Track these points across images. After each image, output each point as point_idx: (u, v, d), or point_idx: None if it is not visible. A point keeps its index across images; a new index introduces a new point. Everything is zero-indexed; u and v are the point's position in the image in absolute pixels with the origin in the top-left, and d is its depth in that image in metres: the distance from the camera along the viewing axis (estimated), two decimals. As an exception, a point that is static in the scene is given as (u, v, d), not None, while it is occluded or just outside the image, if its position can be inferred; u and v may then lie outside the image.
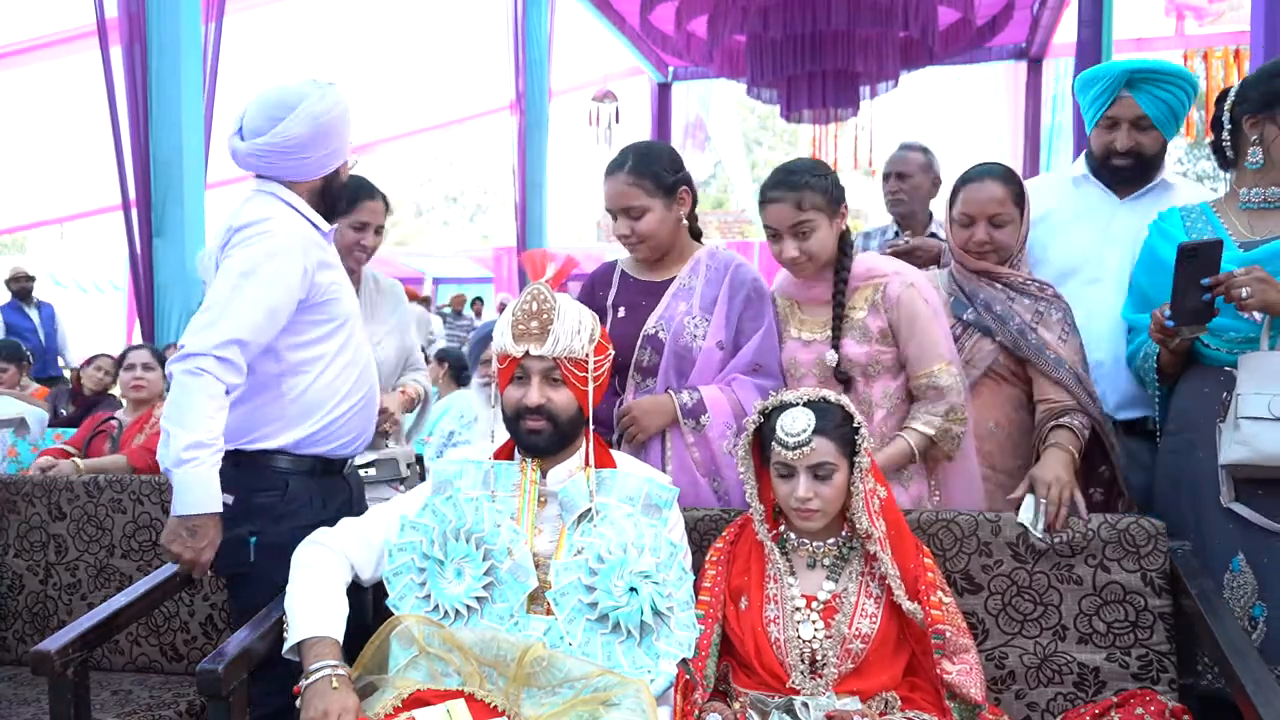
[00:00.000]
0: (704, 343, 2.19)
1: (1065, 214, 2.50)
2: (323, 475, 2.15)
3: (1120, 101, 2.38)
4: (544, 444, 1.85)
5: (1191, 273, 1.93)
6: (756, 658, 1.80)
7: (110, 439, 3.58)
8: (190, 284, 5.04)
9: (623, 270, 2.34)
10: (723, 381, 2.19)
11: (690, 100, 10.39)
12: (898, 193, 3.56)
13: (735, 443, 2.13)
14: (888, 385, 2.18)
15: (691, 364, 2.19)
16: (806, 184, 2.12)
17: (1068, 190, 2.55)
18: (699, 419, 2.14)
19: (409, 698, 1.64)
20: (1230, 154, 2.13)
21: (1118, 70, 2.38)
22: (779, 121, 9.06)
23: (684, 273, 2.26)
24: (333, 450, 2.16)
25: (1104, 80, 2.39)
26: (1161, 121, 2.38)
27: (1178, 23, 8.73)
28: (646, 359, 2.21)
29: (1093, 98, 2.43)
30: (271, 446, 2.07)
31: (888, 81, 6.82)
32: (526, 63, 8.06)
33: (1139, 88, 2.35)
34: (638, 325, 2.22)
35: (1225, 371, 2.03)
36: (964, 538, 1.99)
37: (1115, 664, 1.92)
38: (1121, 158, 2.42)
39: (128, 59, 4.87)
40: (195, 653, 2.42)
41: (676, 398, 2.15)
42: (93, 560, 2.52)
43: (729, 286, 2.22)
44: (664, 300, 2.24)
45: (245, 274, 1.94)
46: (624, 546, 1.77)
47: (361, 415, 2.21)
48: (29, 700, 2.23)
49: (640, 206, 2.18)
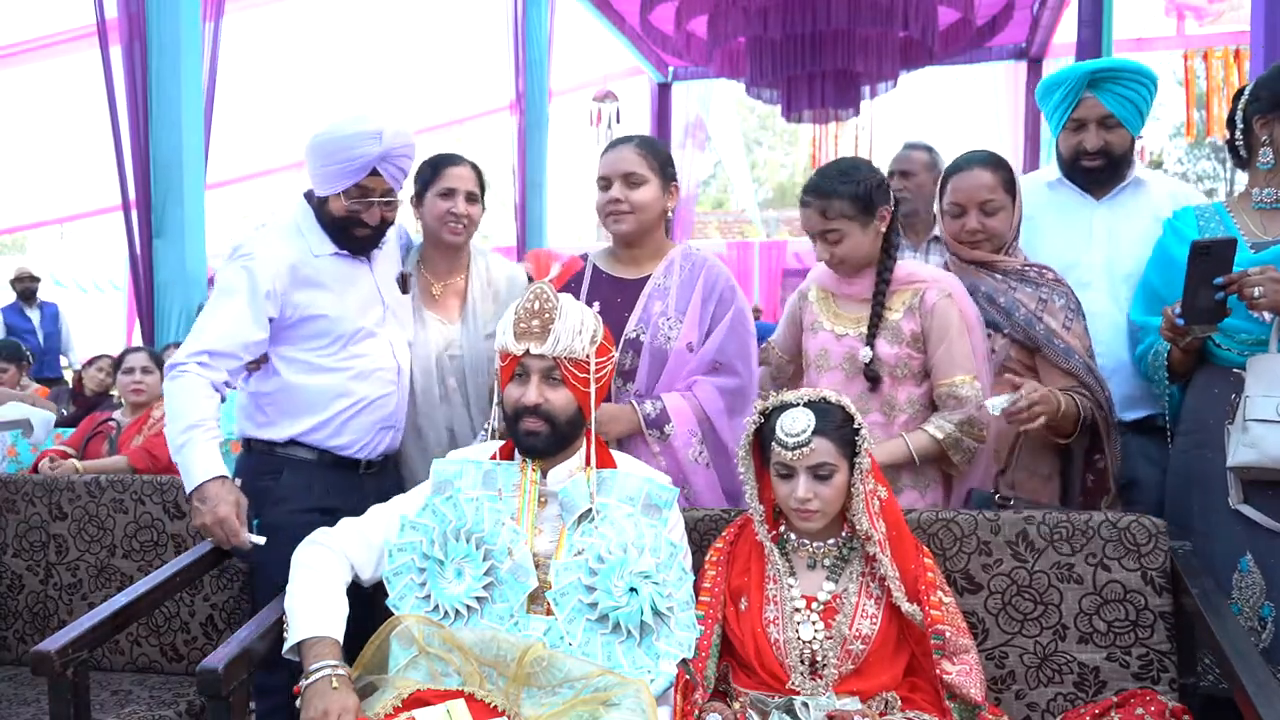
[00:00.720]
0: (676, 344, 2.19)
1: (1043, 218, 2.49)
2: (330, 468, 2.27)
3: (1084, 103, 2.40)
4: (541, 445, 1.85)
5: (1204, 271, 1.92)
6: (756, 659, 1.80)
7: (108, 440, 3.58)
8: (190, 284, 5.04)
9: (594, 265, 2.33)
10: (684, 385, 2.19)
11: (690, 100, 10.38)
12: (902, 191, 3.56)
13: (700, 450, 2.14)
14: (912, 391, 2.19)
15: (665, 365, 2.19)
16: (835, 192, 2.14)
17: (1043, 194, 2.54)
18: (663, 429, 2.14)
19: (409, 698, 1.64)
20: (1244, 154, 2.13)
21: (1079, 72, 2.40)
22: (779, 121, 9.06)
23: (659, 272, 2.26)
24: (339, 447, 2.28)
25: (1066, 83, 2.41)
26: (1126, 118, 2.39)
27: (1178, 23, 8.72)
28: (628, 362, 2.21)
29: (1056, 102, 2.44)
30: (276, 437, 2.27)
31: (888, 81, 6.81)
32: (526, 63, 8.04)
33: (1101, 87, 2.37)
34: (613, 324, 2.20)
35: (1235, 373, 2.02)
36: (964, 537, 1.99)
37: (1115, 664, 1.92)
38: (1091, 158, 2.42)
39: (127, 59, 4.86)
40: (195, 653, 2.42)
41: (639, 408, 2.15)
42: (93, 560, 2.51)
43: (702, 288, 2.23)
44: (640, 301, 2.23)
45: (221, 292, 2.20)
46: (624, 547, 1.77)
47: (366, 417, 2.29)
48: (29, 700, 2.23)
49: (641, 175, 2.21)
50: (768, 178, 25.46)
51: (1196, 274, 1.93)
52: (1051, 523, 1.96)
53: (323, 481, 2.27)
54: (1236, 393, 1.99)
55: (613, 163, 2.23)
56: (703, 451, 2.16)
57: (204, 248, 5.15)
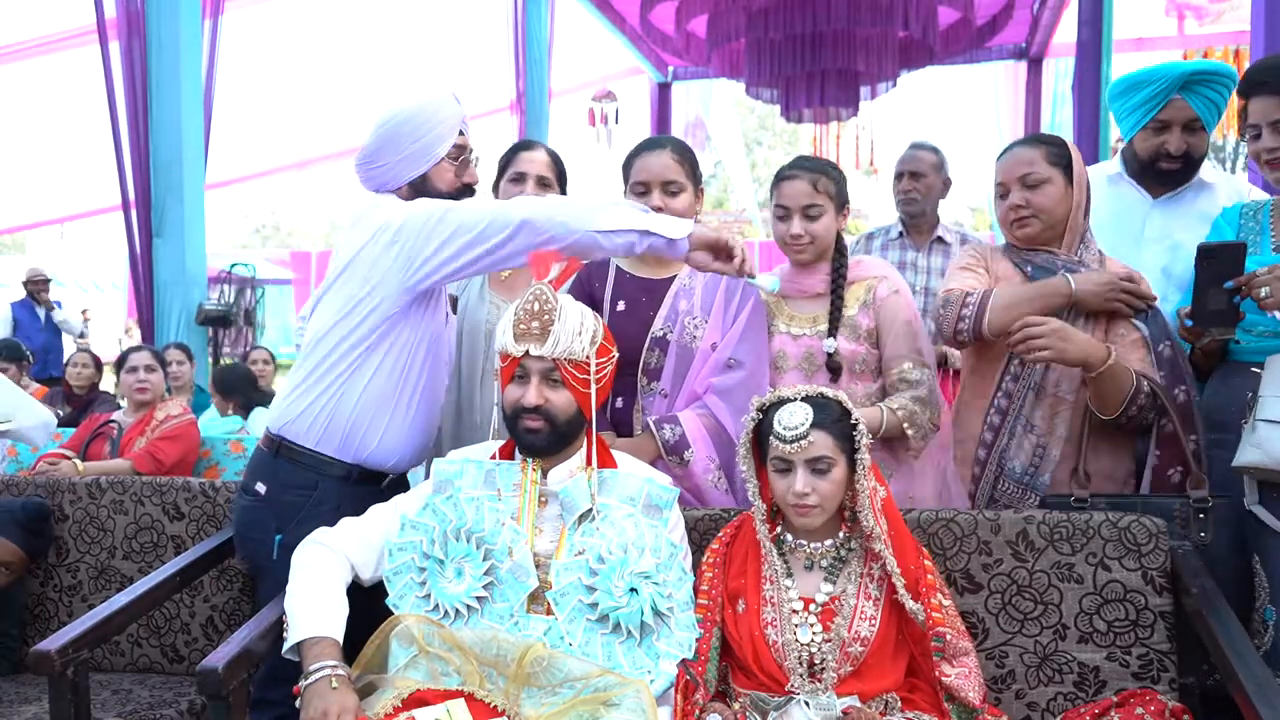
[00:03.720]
0: (701, 344, 2.20)
1: (1096, 213, 2.42)
2: (358, 483, 2.09)
3: (1173, 104, 2.37)
4: (541, 444, 1.85)
5: (1213, 274, 1.91)
6: (755, 661, 1.79)
7: (110, 441, 3.57)
8: (190, 284, 5.04)
9: (618, 267, 2.34)
10: (698, 401, 2.19)
11: (690, 100, 10.39)
12: (910, 191, 3.57)
13: (719, 477, 2.16)
14: (869, 385, 2.24)
15: (690, 364, 2.20)
16: (824, 171, 2.24)
17: (1101, 189, 2.50)
18: (683, 455, 2.14)
19: (409, 697, 1.64)
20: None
21: (1173, 74, 2.35)
22: (779, 121, 9.06)
23: (684, 273, 2.28)
24: (374, 463, 2.10)
25: (1155, 84, 2.36)
26: (1208, 121, 2.38)
27: (1178, 23, 8.72)
28: (654, 361, 2.22)
29: (1139, 101, 2.40)
30: (311, 446, 2.06)
31: (888, 81, 6.81)
32: (526, 62, 8.05)
33: (1193, 90, 2.34)
34: (639, 322, 2.23)
35: (1254, 371, 2.00)
36: (963, 537, 1.99)
37: (1116, 663, 1.92)
38: (1172, 161, 2.39)
39: (126, 58, 4.87)
40: (196, 654, 2.42)
41: (658, 434, 2.15)
42: (93, 562, 2.51)
43: (725, 289, 2.25)
44: (667, 300, 2.25)
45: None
46: (624, 547, 1.77)
47: (406, 432, 2.12)
48: (30, 699, 2.23)
49: (680, 184, 2.23)
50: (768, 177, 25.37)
51: (1205, 277, 1.92)
52: (1051, 522, 1.96)
53: (352, 498, 2.06)
54: (1252, 391, 1.97)
55: (652, 169, 2.23)
56: (721, 478, 2.18)
57: (204, 247, 5.16)
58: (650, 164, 2.23)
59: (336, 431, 2.05)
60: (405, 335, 2.06)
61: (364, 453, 2.07)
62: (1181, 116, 2.37)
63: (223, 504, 2.46)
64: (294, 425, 2.07)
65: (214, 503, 2.47)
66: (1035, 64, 8.51)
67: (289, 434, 2.08)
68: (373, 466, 2.10)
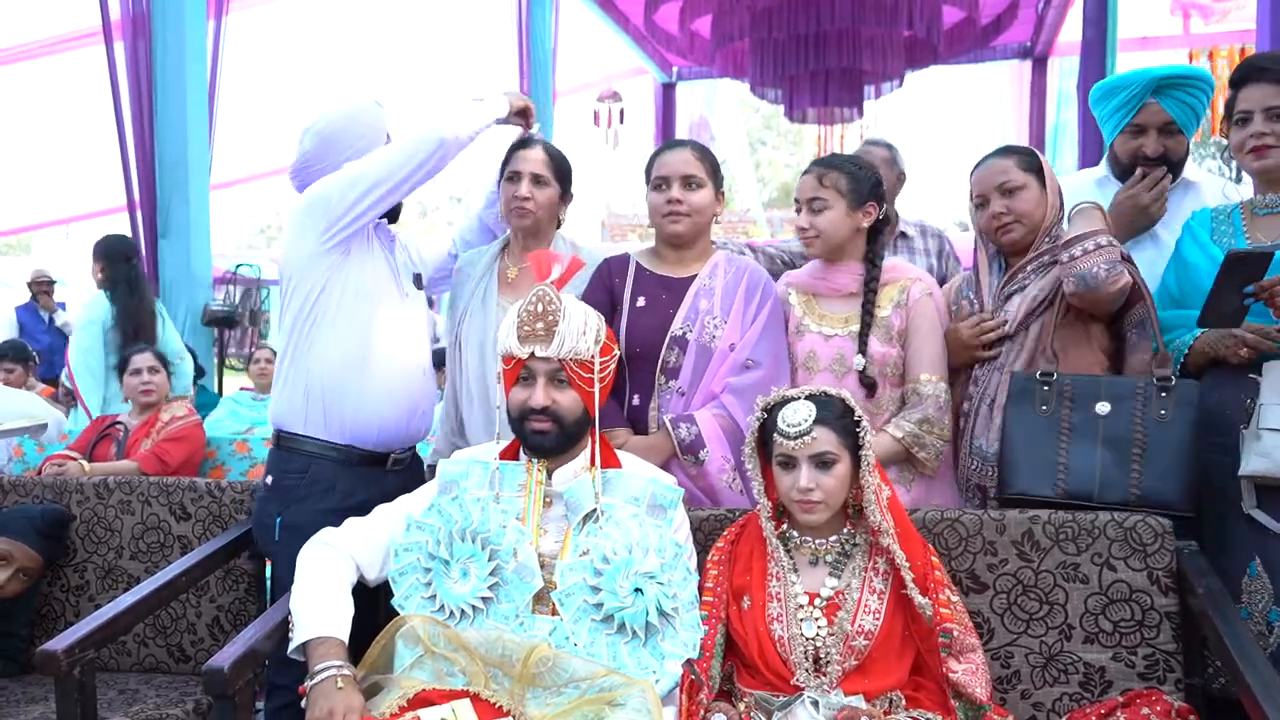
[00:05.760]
0: (720, 344, 2.20)
1: None
2: (356, 465, 2.22)
3: (1147, 108, 2.38)
4: (549, 444, 1.85)
5: (1238, 279, 1.90)
6: (760, 657, 1.80)
7: (116, 443, 3.57)
8: (195, 284, 5.05)
9: (638, 263, 2.35)
10: (715, 400, 2.20)
11: (694, 100, 10.39)
12: None
13: (734, 478, 2.16)
14: (895, 392, 2.24)
15: (709, 363, 2.21)
16: (838, 167, 2.25)
17: (1089, 192, 2.50)
18: (698, 454, 2.14)
19: (414, 697, 1.64)
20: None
21: (1146, 78, 2.36)
22: (783, 121, 9.05)
23: (704, 273, 2.29)
24: (362, 438, 2.22)
25: (1130, 88, 2.38)
26: (1185, 124, 2.38)
27: (1183, 21, 8.70)
28: (674, 359, 2.22)
29: (1116, 106, 2.42)
30: (300, 432, 2.21)
31: (892, 81, 6.81)
32: (531, 63, 8.06)
33: (1165, 94, 2.35)
34: (659, 320, 2.23)
35: (1251, 378, 2.00)
36: (969, 537, 1.99)
37: (1121, 663, 1.91)
38: (1150, 163, 2.40)
39: (131, 59, 4.87)
40: (202, 654, 2.42)
41: (674, 432, 2.15)
42: (101, 562, 2.52)
43: (745, 290, 2.25)
44: (687, 299, 2.25)
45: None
46: (629, 547, 1.77)
47: (376, 399, 2.22)
48: (37, 699, 2.24)
49: (700, 179, 2.26)
50: (772, 178, 25.42)
51: (1228, 282, 1.90)
52: (1057, 523, 1.96)
53: (346, 478, 2.21)
54: (1251, 398, 1.97)
55: (672, 164, 2.26)
56: (736, 479, 2.18)
57: (209, 248, 5.16)
58: (671, 159, 2.28)
59: (316, 411, 2.19)
60: (337, 295, 2.19)
61: (346, 426, 2.20)
62: (1157, 120, 2.38)
63: (229, 504, 2.47)
64: (284, 416, 2.24)
65: (220, 503, 2.47)
66: (1040, 63, 8.50)
67: (282, 425, 2.25)
68: (364, 444, 2.22)
